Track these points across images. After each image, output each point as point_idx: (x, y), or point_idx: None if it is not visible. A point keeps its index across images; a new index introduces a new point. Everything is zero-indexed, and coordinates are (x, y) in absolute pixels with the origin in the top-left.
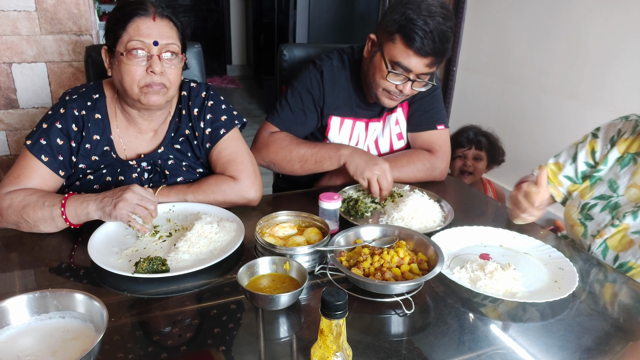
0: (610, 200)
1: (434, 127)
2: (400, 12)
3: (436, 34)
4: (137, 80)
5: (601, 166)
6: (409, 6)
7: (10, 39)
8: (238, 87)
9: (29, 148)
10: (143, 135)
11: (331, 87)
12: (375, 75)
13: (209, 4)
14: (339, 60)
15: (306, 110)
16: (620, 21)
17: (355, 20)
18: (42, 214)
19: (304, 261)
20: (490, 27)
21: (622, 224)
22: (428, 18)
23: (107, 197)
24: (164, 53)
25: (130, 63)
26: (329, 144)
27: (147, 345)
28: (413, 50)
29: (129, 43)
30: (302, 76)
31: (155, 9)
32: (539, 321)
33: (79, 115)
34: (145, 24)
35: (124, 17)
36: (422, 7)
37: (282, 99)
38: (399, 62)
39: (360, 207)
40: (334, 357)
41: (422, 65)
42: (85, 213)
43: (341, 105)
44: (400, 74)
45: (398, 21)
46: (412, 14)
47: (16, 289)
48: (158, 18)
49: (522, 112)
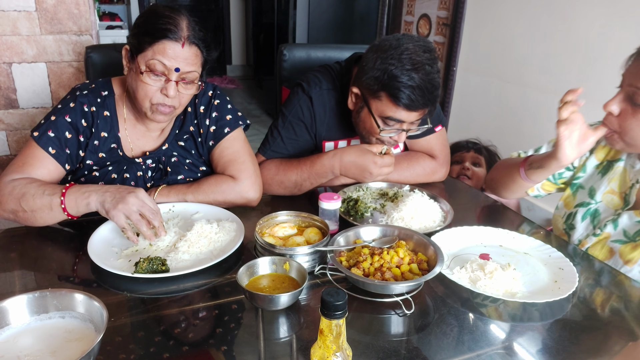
0: (590, 208)
1: (432, 131)
2: (382, 70)
3: (424, 86)
4: (150, 97)
5: (580, 173)
6: (390, 61)
7: (10, 39)
8: (238, 87)
9: (36, 139)
10: (150, 133)
11: (322, 112)
12: (367, 129)
13: (209, 4)
14: (328, 81)
15: (299, 139)
16: (620, 21)
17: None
18: (41, 202)
19: (304, 261)
20: (490, 27)
21: (603, 233)
22: (413, 72)
23: (110, 193)
24: (181, 80)
25: (146, 80)
26: (314, 163)
27: (149, 345)
28: (402, 107)
29: (150, 61)
30: (291, 104)
31: (188, 34)
32: (538, 321)
33: (89, 111)
34: (172, 49)
35: (154, 32)
36: (404, 59)
37: (273, 129)
38: (389, 117)
39: (360, 207)
40: (334, 357)
41: (414, 117)
42: (86, 203)
43: (333, 129)
44: (392, 127)
45: (381, 80)
46: (395, 70)
47: (16, 289)
48: (187, 45)
49: (522, 112)
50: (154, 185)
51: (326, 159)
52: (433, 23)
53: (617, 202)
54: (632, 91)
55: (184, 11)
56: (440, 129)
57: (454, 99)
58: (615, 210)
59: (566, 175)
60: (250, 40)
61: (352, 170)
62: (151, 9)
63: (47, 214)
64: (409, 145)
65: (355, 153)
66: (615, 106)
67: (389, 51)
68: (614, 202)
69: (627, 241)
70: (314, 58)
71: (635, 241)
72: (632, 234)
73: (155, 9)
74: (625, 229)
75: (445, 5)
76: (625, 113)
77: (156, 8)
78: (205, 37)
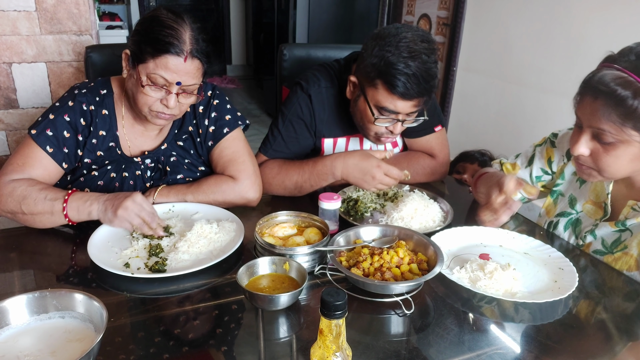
0: (571, 218)
1: (431, 130)
2: (379, 56)
3: (420, 75)
4: (149, 105)
5: (559, 180)
6: (387, 48)
7: (10, 39)
8: (238, 87)
9: (34, 138)
10: (148, 133)
11: (321, 110)
12: (363, 119)
13: (209, 4)
14: (327, 79)
15: (299, 137)
16: (620, 21)
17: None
18: (43, 206)
19: (304, 261)
20: (490, 27)
21: (585, 244)
22: (409, 60)
23: (109, 201)
24: (182, 92)
25: (147, 92)
26: (316, 163)
27: (149, 346)
28: (397, 95)
29: (152, 74)
30: (290, 102)
31: (191, 48)
32: (538, 321)
33: (88, 109)
34: (174, 64)
35: (157, 43)
36: (401, 47)
37: (273, 128)
38: (384, 107)
39: (360, 207)
40: (334, 357)
41: (410, 107)
42: (88, 212)
43: (332, 127)
44: (387, 117)
45: (377, 66)
46: (391, 57)
47: (16, 289)
48: (189, 59)
49: (522, 112)
50: (153, 185)
51: (329, 159)
52: (433, 23)
53: (595, 211)
54: (596, 132)
55: (187, 18)
56: (440, 129)
57: (454, 99)
58: (595, 220)
59: (545, 179)
60: (250, 40)
61: (355, 173)
62: (154, 15)
63: (47, 219)
64: (409, 144)
65: (359, 156)
66: (584, 148)
67: (387, 38)
68: (592, 211)
69: (606, 252)
70: (314, 58)
71: (614, 253)
72: (610, 244)
73: (159, 16)
74: (604, 238)
75: (445, 5)
76: (597, 152)
77: (159, 14)
78: (207, 49)
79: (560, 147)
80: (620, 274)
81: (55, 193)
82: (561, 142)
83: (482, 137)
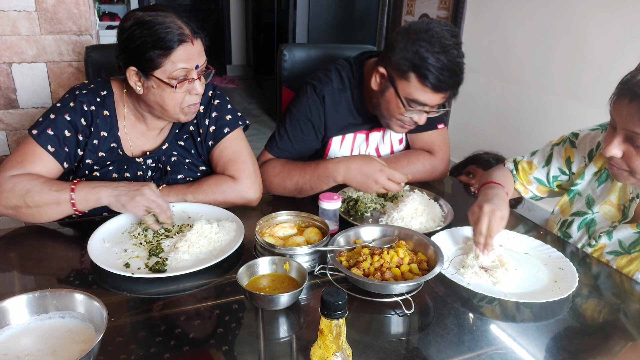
0: (586, 218)
1: (434, 127)
2: (413, 50)
3: (451, 68)
4: (180, 104)
5: (578, 180)
6: (421, 43)
7: (10, 39)
8: (238, 87)
9: (35, 137)
10: (150, 133)
11: (333, 112)
12: (389, 109)
13: (209, 4)
14: (339, 81)
15: (306, 138)
16: (621, 21)
17: (355, 20)
18: (48, 197)
19: (304, 261)
20: (490, 27)
21: (598, 244)
22: (441, 54)
23: (123, 188)
24: (201, 74)
25: (178, 91)
26: (318, 166)
27: (149, 345)
28: (430, 88)
29: (174, 72)
30: (299, 102)
31: (189, 30)
32: (538, 321)
33: (88, 110)
34: (187, 51)
35: (162, 43)
36: (434, 42)
37: (280, 127)
38: (415, 99)
39: (360, 207)
40: (334, 357)
41: (439, 99)
42: (96, 198)
43: (342, 125)
44: (415, 109)
45: (411, 60)
46: (424, 52)
47: (16, 289)
48: (194, 40)
49: (522, 112)
50: None
51: (331, 163)
52: None
53: (614, 214)
54: (630, 135)
55: (168, 8)
56: (443, 127)
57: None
58: (612, 223)
59: (562, 179)
60: (250, 40)
61: (358, 177)
62: (137, 22)
63: (53, 209)
64: (410, 140)
65: (361, 161)
66: (616, 150)
67: (420, 34)
68: (611, 213)
69: (622, 252)
70: (314, 58)
71: (631, 253)
72: (628, 245)
73: (142, 20)
74: (621, 239)
75: (445, 5)
76: (630, 154)
77: (141, 18)
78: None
79: (582, 148)
80: (621, 274)
81: (59, 184)
82: (582, 143)
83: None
